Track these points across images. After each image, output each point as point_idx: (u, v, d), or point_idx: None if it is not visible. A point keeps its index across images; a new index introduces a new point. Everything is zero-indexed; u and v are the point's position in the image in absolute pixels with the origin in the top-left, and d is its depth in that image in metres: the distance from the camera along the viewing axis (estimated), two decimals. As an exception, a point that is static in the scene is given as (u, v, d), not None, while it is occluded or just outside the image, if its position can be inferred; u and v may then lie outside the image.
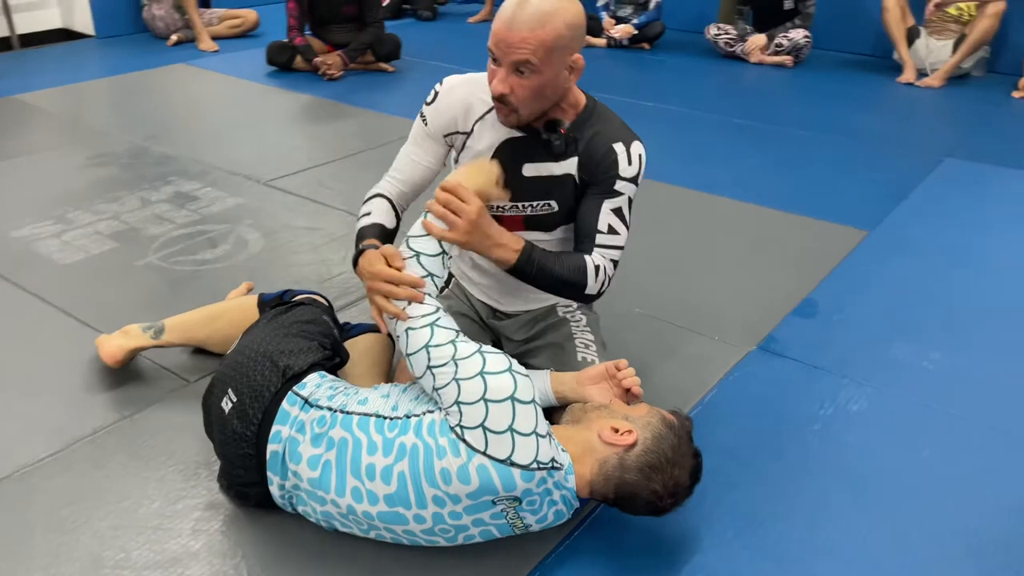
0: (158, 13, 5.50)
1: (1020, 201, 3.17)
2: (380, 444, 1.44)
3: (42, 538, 1.55)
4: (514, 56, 1.50)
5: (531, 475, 1.37)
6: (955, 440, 1.86)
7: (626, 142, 1.66)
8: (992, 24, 4.60)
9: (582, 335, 1.87)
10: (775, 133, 3.97)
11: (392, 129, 3.92)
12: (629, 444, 1.44)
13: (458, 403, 1.39)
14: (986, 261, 2.69)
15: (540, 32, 1.48)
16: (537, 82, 1.53)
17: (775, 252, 2.72)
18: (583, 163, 1.68)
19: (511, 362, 1.44)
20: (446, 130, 1.75)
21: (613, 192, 1.66)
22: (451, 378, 1.41)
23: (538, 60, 1.50)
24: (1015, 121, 4.20)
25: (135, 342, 2.01)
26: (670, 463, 1.43)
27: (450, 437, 1.39)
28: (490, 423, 1.37)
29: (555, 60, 1.52)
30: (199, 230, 2.83)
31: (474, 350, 1.44)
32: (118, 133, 3.80)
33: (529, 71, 1.51)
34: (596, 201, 1.67)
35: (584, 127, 1.67)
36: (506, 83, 1.54)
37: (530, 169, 1.71)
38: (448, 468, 1.38)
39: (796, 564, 1.53)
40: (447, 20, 6.57)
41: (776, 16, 5.19)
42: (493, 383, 1.39)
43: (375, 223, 1.73)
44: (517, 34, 1.48)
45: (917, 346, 2.20)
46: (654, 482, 1.42)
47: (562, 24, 1.49)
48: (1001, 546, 1.57)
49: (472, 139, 1.73)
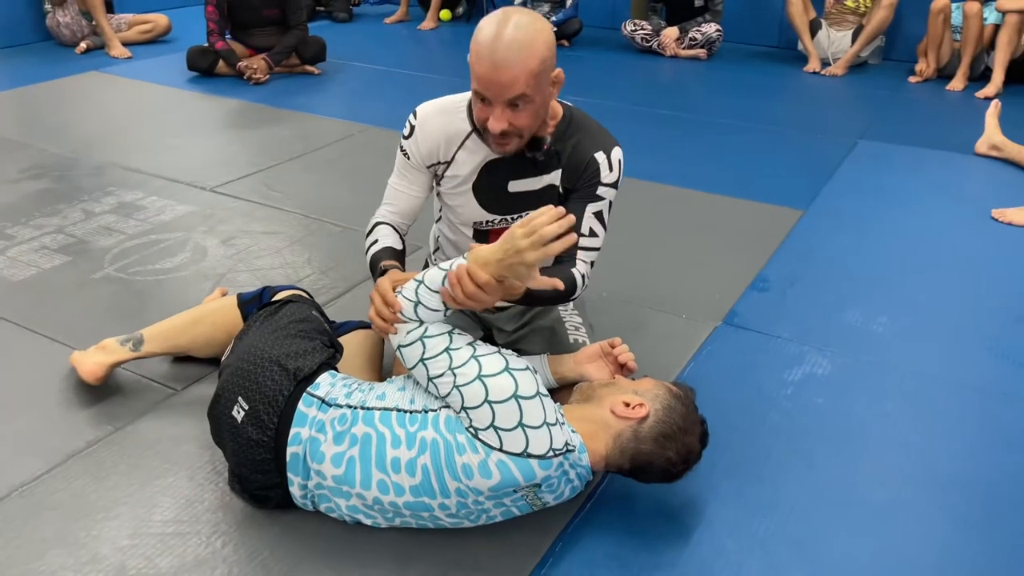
0: (63, 20, 5.28)
1: (929, 175, 3.44)
2: (404, 438, 1.47)
3: (59, 553, 1.52)
4: (508, 95, 1.51)
5: (549, 463, 1.44)
6: (912, 392, 2.04)
7: (606, 149, 1.70)
8: (887, 15, 4.94)
9: (571, 318, 1.95)
10: (701, 122, 4.15)
11: (329, 131, 3.92)
12: (642, 416, 1.51)
13: (464, 409, 1.44)
14: (910, 229, 2.92)
15: (527, 64, 1.48)
16: (532, 109, 1.56)
17: (724, 233, 2.88)
18: (566, 173, 1.72)
19: (507, 360, 1.47)
20: (428, 161, 1.76)
21: (595, 197, 1.71)
22: (451, 387, 1.45)
23: (531, 90, 1.51)
24: (913, 104, 4.53)
25: (114, 356, 1.96)
26: (682, 431, 1.51)
27: (467, 435, 1.44)
28: (499, 422, 1.41)
29: (543, 82, 1.54)
30: (152, 239, 2.77)
31: (468, 356, 1.47)
32: (43, 145, 3.65)
33: (524, 102, 1.53)
34: (579, 205, 1.70)
35: (564, 138, 1.71)
36: (503, 120, 1.54)
37: (515, 185, 1.75)
38: (469, 463, 1.43)
39: (794, 511, 1.65)
40: (363, 21, 6.55)
41: (687, 11, 5.41)
42: (493, 385, 1.43)
43: (386, 246, 1.75)
44: (507, 73, 1.48)
45: (865, 311, 2.38)
46: (668, 450, 1.50)
47: (543, 47, 1.51)
48: (967, 481, 1.74)
49: (453, 167, 1.76)
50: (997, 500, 1.70)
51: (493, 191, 1.76)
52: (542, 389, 1.47)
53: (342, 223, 2.90)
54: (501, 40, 1.48)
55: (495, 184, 1.75)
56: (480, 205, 1.79)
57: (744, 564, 1.54)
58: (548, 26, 1.56)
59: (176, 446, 1.80)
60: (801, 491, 1.71)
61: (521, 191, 1.76)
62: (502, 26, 1.50)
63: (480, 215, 1.81)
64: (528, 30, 1.50)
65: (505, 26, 1.49)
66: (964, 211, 3.08)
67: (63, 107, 4.26)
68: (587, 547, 1.57)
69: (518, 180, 1.75)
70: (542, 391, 1.47)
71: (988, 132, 3.61)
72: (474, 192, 1.77)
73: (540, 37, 1.51)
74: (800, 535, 1.60)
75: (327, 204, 3.06)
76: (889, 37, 5.28)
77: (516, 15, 1.52)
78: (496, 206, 1.79)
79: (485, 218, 1.81)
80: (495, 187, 1.75)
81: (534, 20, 1.53)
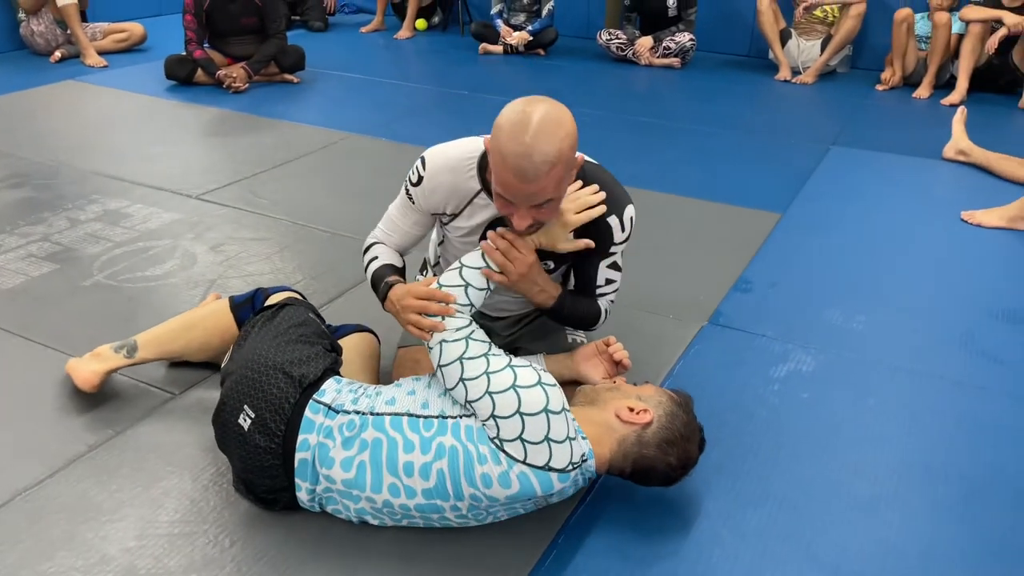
0: (37, 29, 5.24)
1: (900, 179, 3.55)
2: (417, 442, 1.50)
3: (67, 554, 1.54)
4: (535, 201, 1.48)
5: (567, 476, 1.48)
6: (892, 386, 2.11)
7: (618, 212, 1.68)
8: (855, 25, 5.07)
9: (567, 319, 2.00)
10: (677, 129, 4.24)
11: (311, 139, 3.94)
12: (647, 422, 1.56)
13: (494, 417, 1.46)
14: (884, 232, 3.01)
15: (554, 171, 1.44)
16: (556, 205, 1.54)
17: (705, 237, 2.95)
18: (580, 232, 1.66)
19: (539, 375, 1.49)
20: (434, 210, 1.76)
21: (609, 254, 1.74)
22: (484, 391, 1.47)
23: (556, 194, 1.50)
24: (882, 111, 4.66)
25: (109, 364, 1.97)
26: (683, 438, 1.57)
27: (490, 446, 1.46)
28: (527, 435, 1.45)
29: (567, 180, 1.52)
30: (141, 247, 2.77)
31: (505, 363, 1.50)
32: (23, 153, 3.63)
33: (549, 205, 1.51)
34: (594, 263, 1.75)
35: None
36: (527, 218, 1.52)
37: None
38: (489, 474, 1.46)
39: (784, 503, 1.72)
40: (339, 30, 6.57)
41: (662, 21, 5.51)
42: (526, 397, 1.45)
43: (387, 263, 1.76)
44: (535, 185, 1.44)
45: (845, 310, 2.46)
46: (670, 456, 1.55)
47: (567, 149, 1.45)
48: (946, 472, 1.82)
49: (460, 219, 1.75)
50: (975, 489, 1.77)
51: None
52: (566, 404, 1.50)
53: (330, 229, 2.92)
54: (528, 150, 1.41)
55: None
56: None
57: (739, 554, 1.59)
58: (568, 115, 1.48)
59: (178, 449, 1.82)
60: (790, 483, 1.78)
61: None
62: (525, 130, 1.41)
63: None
64: (553, 137, 1.42)
65: (528, 130, 1.41)
66: (935, 213, 3.18)
67: (40, 116, 4.23)
68: (588, 540, 1.61)
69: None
70: (567, 406, 1.50)
71: (955, 138, 3.74)
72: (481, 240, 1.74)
73: (565, 137, 1.44)
74: (790, 526, 1.66)
75: (314, 210, 3.09)
76: (856, 46, 5.42)
77: (538, 114, 1.42)
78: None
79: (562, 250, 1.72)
80: None
81: (559, 117, 1.44)
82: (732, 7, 5.76)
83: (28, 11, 5.22)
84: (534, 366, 1.53)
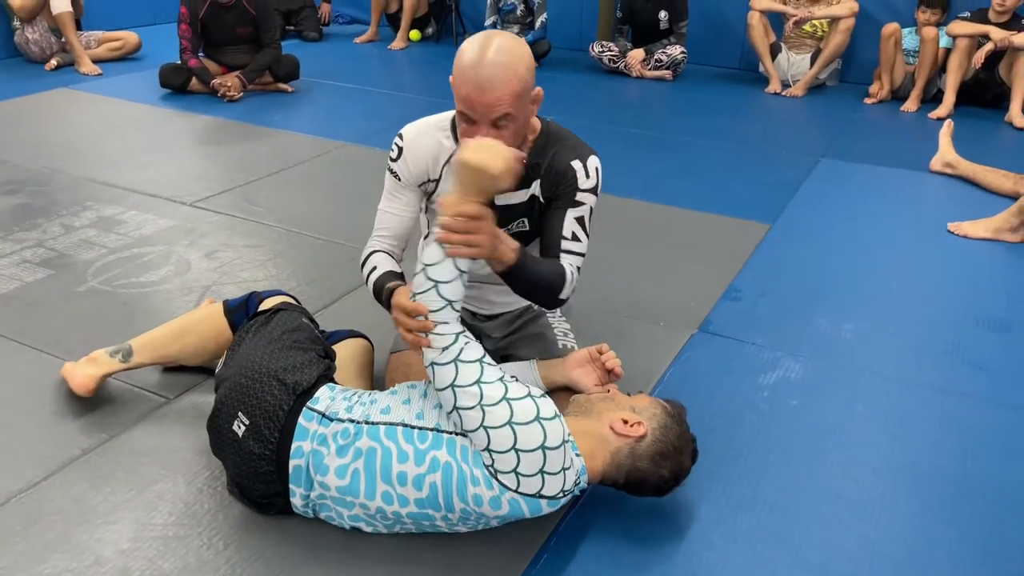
0: (32, 37, 5.25)
1: (888, 191, 3.59)
2: (412, 454, 1.50)
3: (61, 557, 1.54)
4: (493, 115, 1.57)
5: (556, 502, 1.50)
6: (879, 393, 2.14)
7: (583, 158, 1.76)
8: (844, 39, 5.14)
9: (560, 324, 2.02)
10: (667, 140, 4.28)
11: (305, 148, 3.96)
12: (640, 435, 1.57)
13: (489, 450, 1.46)
14: (872, 242, 3.05)
15: (510, 85, 1.55)
16: (516, 127, 1.62)
17: (695, 246, 2.98)
18: (545, 183, 1.78)
19: (537, 406, 1.47)
20: (419, 180, 1.82)
21: (575, 203, 1.76)
22: (479, 424, 1.45)
23: (514, 110, 1.58)
24: (870, 124, 4.72)
25: (104, 368, 1.98)
26: (676, 451, 1.58)
27: (484, 472, 1.47)
28: (522, 468, 1.45)
29: (524, 102, 1.61)
30: (135, 253, 2.78)
31: (500, 396, 1.46)
32: (16, 160, 3.64)
33: (508, 121, 1.59)
34: (560, 212, 1.77)
35: (544, 151, 1.77)
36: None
37: (501, 199, 1.80)
38: (480, 495, 1.47)
39: (774, 507, 1.74)
40: (333, 41, 6.60)
41: (653, 34, 5.57)
42: (522, 433, 1.44)
43: (386, 271, 1.78)
44: (491, 95, 1.54)
45: (833, 319, 2.49)
46: (663, 468, 1.57)
47: (523, 69, 1.57)
48: (932, 476, 1.84)
49: (443, 183, 1.81)
50: (961, 492, 1.80)
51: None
52: (567, 436, 1.49)
53: (324, 236, 2.94)
54: (484, 63, 1.54)
55: None
56: None
57: (729, 558, 1.61)
58: (527, 48, 1.63)
59: (172, 453, 1.83)
60: (779, 488, 1.80)
61: (505, 204, 1.81)
62: (485, 49, 1.55)
63: None
64: (510, 54, 1.56)
65: (488, 49, 1.55)
66: (922, 225, 3.23)
67: (34, 123, 4.24)
68: (579, 545, 1.63)
69: (503, 193, 1.79)
70: (567, 438, 1.49)
71: (942, 150, 3.79)
72: None
73: (522, 60, 1.58)
74: (780, 529, 1.68)
75: (308, 218, 3.11)
76: (845, 60, 5.48)
77: (498, 38, 1.58)
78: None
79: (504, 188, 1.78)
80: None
81: (516, 44, 1.60)
82: (723, 21, 5.83)
83: (23, 19, 5.24)
84: (531, 390, 1.51)
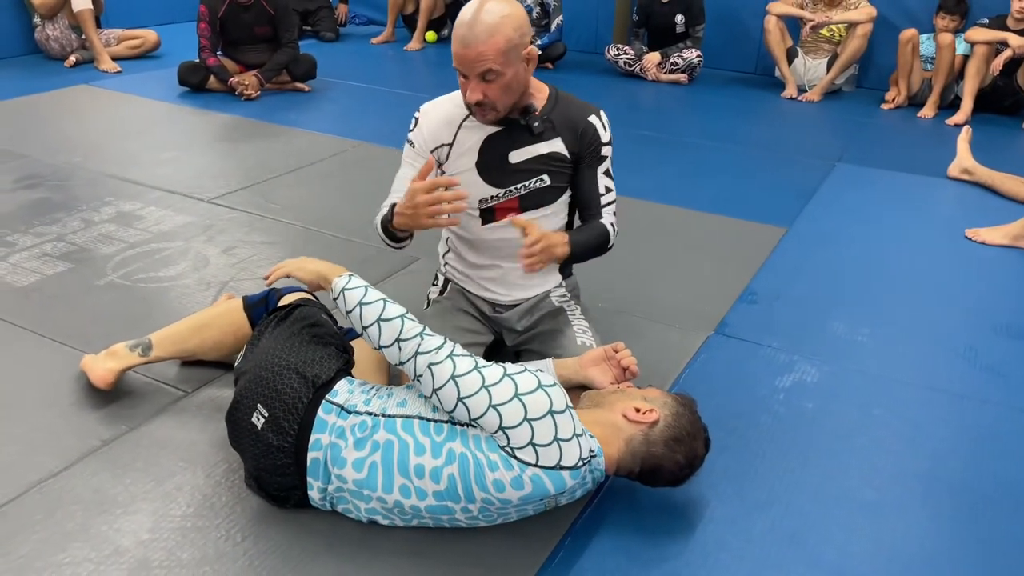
0: (52, 34, 5.30)
1: (905, 197, 3.58)
2: (428, 446, 1.51)
3: (81, 546, 1.56)
4: (478, 68, 1.72)
5: (578, 472, 1.50)
6: (896, 398, 2.13)
7: (596, 114, 1.96)
8: (860, 44, 5.12)
9: (578, 322, 2.03)
10: (683, 144, 4.28)
11: (322, 146, 3.98)
12: (653, 421, 1.59)
13: (503, 429, 1.47)
14: (889, 247, 3.04)
15: (493, 42, 1.69)
16: (503, 82, 1.75)
17: (710, 249, 2.98)
18: (569, 139, 1.92)
19: (537, 378, 1.51)
20: (432, 145, 1.94)
21: (601, 158, 1.96)
22: (487, 405, 1.47)
23: (499, 65, 1.72)
24: (887, 130, 4.70)
25: (124, 362, 1.99)
26: (690, 436, 1.59)
27: (501, 454, 1.48)
28: (537, 439, 1.46)
29: (512, 59, 1.74)
30: (154, 248, 2.81)
31: (501, 374, 1.51)
32: (37, 155, 3.67)
33: (494, 76, 1.73)
34: (591, 171, 1.97)
35: (555, 110, 1.92)
36: (478, 91, 1.75)
37: (516, 155, 1.91)
38: (501, 479, 1.47)
39: (789, 509, 1.74)
40: (349, 41, 6.64)
41: (669, 37, 5.57)
42: (531, 403, 1.47)
43: (395, 203, 1.87)
44: (474, 50, 1.70)
45: (849, 323, 2.49)
46: (678, 453, 1.58)
47: (510, 28, 1.70)
48: (950, 481, 1.84)
49: (456, 146, 1.92)
50: (978, 499, 1.79)
51: (496, 165, 1.91)
52: (569, 402, 1.52)
53: (341, 234, 2.96)
54: (472, 22, 1.69)
55: (496, 157, 1.91)
56: (485, 181, 1.92)
57: (744, 557, 1.61)
58: (519, 11, 1.75)
59: (190, 445, 1.84)
60: (795, 490, 1.80)
61: (522, 160, 1.91)
62: (477, 11, 1.70)
63: (485, 191, 1.93)
64: (496, 14, 1.69)
65: (479, 12, 1.70)
66: (939, 231, 3.22)
67: (55, 119, 4.28)
68: (595, 541, 1.63)
69: (518, 150, 1.91)
70: (569, 404, 1.51)
71: (960, 157, 3.77)
72: (478, 171, 1.92)
73: (509, 20, 1.70)
74: (795, 531, 1.68)
75: (326, 216, 3.12)
76: (862, 66, 5.47)
77: (490, 2, 1.70)
78: (500, 179, 1.92)
79: (490, 193, 1.94)
80: (497, 160, 1.91)
81: (505, 6, 1.71)
82: (739, 25, 5.82)
83: (44, 16, 5.29)
84: (528, 368, 1.55)
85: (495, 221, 1.97)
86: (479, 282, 2.07)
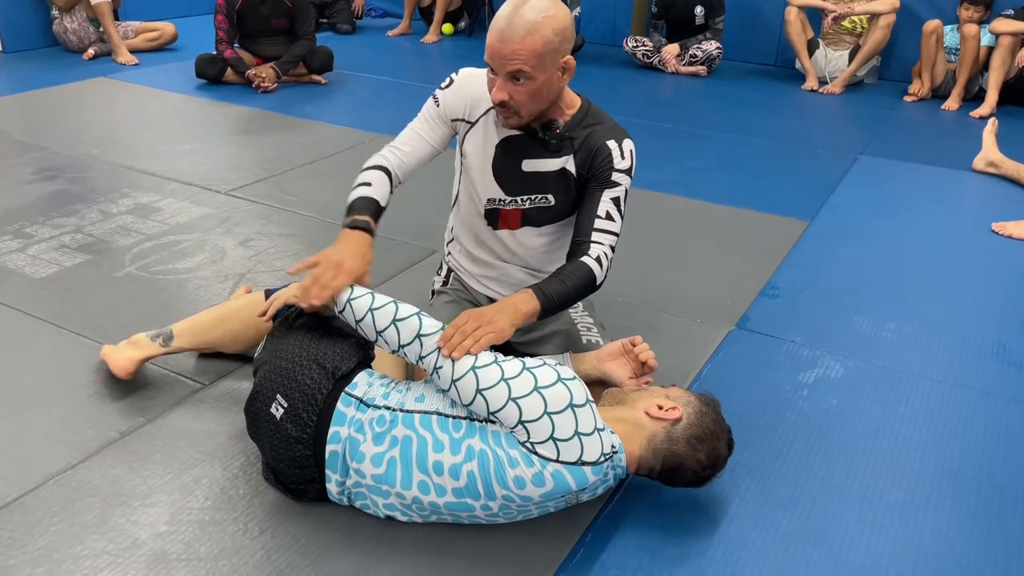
0: (70, 26, 5.31)
1: (929, 190, 3.52)
2: (447, 443, 1.49)
3: (99, 538, 1.55)
4: (508, 67, 1.60)
5: (600, 468, 1.47)
6: (924, 395, 2.09)
7: (618, 139, 1.78)
8: (883, 36, 5.05)
9: (582, 319, 2.00)
10: (702, 136, 4.23)
11: (339, 139, 3.96)
12: (676, 418, 1.56)
13: (522, 422, 1.44)
14: (913, 241, 2.99)
15: (530, 41, 1.56)
16: (533, 87, 1.63)
17: (732, 242, 2.94)
18: (580, 159, 1.79)
19: (557, 371, 1.48)
20: (455, 115, 1.85)
21: (610, 183, 1.77)
22: (507, 398, 1.45)
23: (531, 68, 1.58)
24: (910, 122, 4.63)
25: (145, 352, 1.99)
26: (712, 435, 1.56)
27: (521, 450, 1.45)
28: (558, 433, 1.44)
29: (547, 65, 1.61)
30: (171, 240, 2.80)
31: (521, 367, 1.48)
32: (56, 147, 3.68)
33: (524, 78, 1.60)
34: (595, 193, 1.78)
35: (580, 126, 1.78)
36: (504, 91, 1.64)
37: (528, 165, 1.83)
38: (522, 476, 1.45)
39: (814, 507, 1.70)
40: (366, 33, 6.62)
41: (688, 29, 5.51)
42: (551, 396, 1.44)
43: (371, 197, 1.80)
44: (509, 46, 1.57)
45: (873, 318, 2.45)
46: (700, 452, 1.55)
47: (550, 31, 1.57)
48: (978, 480, 1.80)
49: (475, 131, 1.85)
50: (1008, 498, 1.75)
51: (508, 168, 1.83)
52: (589, 396, 1.49)
53: (358, 227, 2.94)
54: (512, 17, 1.58)
55: (510, 161, 1.83)
56: (496, 181, 1.86)
57: (768, 555, 1.58)
58: (565, 12, 1.62)
59: (208, 438, 1.83)
60: (820, 488, 1.76)
61: (534, 171, 1.83)
62: (519, 5, 1.59)
63: (494, 191, 1.87)
64: (539, 12, 1.57)
65: (522, 6, 1.58)
66: (964, 224, 3.16)
67: (73, 111, 4.29)
68: (616, 538, 1.61)
69: (531, 160, 1.82)
70: (590, 398, 1.49)
71: (985, 149, 3.71)
72: (493, 169, 1.85)
73: (550, 22, 1.58)
74: (821, 529, 1.65)
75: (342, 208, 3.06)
76: (884, 57, 5.39)
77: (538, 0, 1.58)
78: (510, 184, 1.85)
79: (498, 196, 1.87)
80: (510, 164, 1.83)
81: (552, 6, 1.59)
82: (759, 16, 5.76)
83: (62, 8, 5.30)
84: (548, 362, 1.52)
85: (497, 228, 1.93)
86: (477, 278, 2.05)
